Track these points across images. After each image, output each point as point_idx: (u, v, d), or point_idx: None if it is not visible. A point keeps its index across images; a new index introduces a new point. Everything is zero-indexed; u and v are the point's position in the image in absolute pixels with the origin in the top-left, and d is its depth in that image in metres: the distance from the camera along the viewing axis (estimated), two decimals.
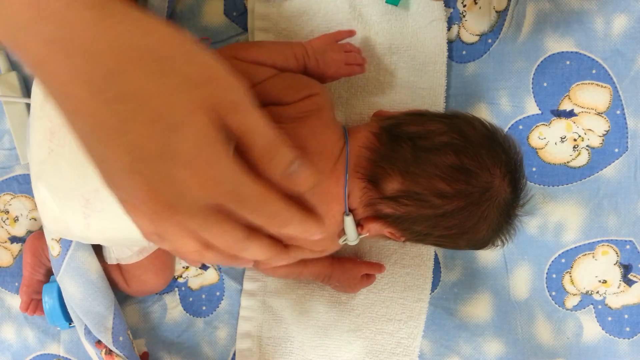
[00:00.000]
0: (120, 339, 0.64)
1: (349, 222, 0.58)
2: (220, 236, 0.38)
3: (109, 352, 0.63)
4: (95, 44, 0.34)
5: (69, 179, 0.53)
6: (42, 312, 0.66)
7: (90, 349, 0.64)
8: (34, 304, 0.67)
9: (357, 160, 0.56)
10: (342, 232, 0.59)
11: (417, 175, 0.54)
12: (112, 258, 0.64)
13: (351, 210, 0.58)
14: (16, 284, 0.71)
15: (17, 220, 0.70)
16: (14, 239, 0.71)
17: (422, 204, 0.55)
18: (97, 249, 0.65)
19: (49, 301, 0.65)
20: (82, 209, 0.53)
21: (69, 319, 0.66)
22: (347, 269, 0.66)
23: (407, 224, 0.57)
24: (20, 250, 0.71)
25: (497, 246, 0.60)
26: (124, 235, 0.55)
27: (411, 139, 0.54)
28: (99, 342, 0.64)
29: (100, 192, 0.53)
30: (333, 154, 0.56)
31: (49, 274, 0.68)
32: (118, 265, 0.65)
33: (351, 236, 0.58)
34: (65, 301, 0.65)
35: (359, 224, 0.58)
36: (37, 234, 0.68)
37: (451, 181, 0.53)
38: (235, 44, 0.65)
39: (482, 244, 0.59)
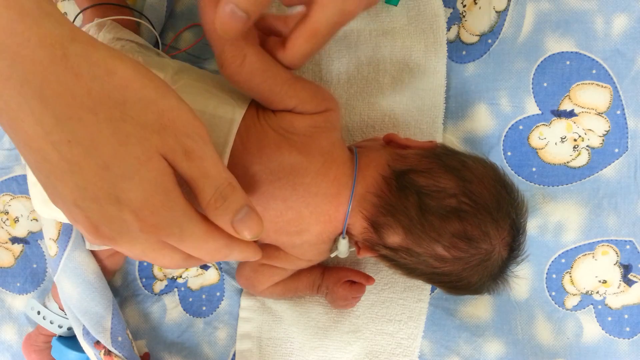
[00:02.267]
0: (119, 339, 0.64)
1: (344, 243, 0.58)
2: (160, 260, 0.40)
3: (108, 352, 0.63)
4: (47, 87, 0.34)
5: None
6: None
7: (89, 350, 0.64)
8: None
9: (362, 200, 0.56)
10: (334, 247, 0.60)
11: (419, 237, 0.54)
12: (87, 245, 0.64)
13: (347, 233, 0.58)
14: (17, 284, 0.71)
15: (18, 220, 0.70)
16: (14, 240, 0.71)
17: (419, 261, 0.55)
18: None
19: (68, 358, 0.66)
20: None
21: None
22: (334, 273, 0.67)
23: (402, 269, 0.58)
24: (21, 251, 0.71)
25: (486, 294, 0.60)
26: None
27: (419, 194, 0.53)
28: (97, 342, 0.64)
29: None
30: (336, 178, 0.56)
31: None
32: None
33: (343, 253, 0.59)
34: (63, 301, 0.65)
35: (354, 243, 0.59)
36: (26, 337, 0.70)
37: (451, 248, 0.53)
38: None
39: (472, 293, 0.59)
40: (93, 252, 0.65)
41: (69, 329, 0.67)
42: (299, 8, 0.49)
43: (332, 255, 0.60)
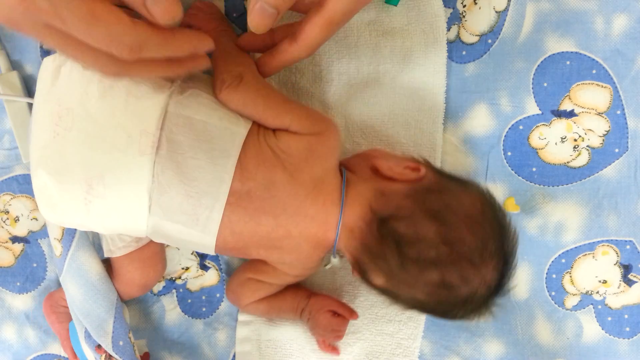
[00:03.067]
0: (120, 343, 0.64)
1: (335, 261, 0.60)
2: (78, 54, 0.37)
3: (109, 357, 0.63)
4: None
5: (73, 164, 0.52)
6: None
7: (90, 353, 0.64)
8: None
9: (347, 240, 0.56)
10: (327, 259, 0.61)
11: (399, 284, 0.55)
12: (106, 250, 0.63)
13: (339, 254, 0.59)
14: (17, 283, 0.71)
15: (18, 220, 0.70)
16: (15, 239, 0.71)
17: (403, 302, 0.57)
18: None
19: (79, 348, 0.66)
20: (84, 194, 0.53)
21: None
22: (319, 300, 0.66)
23: (391, 299, 0.59)
24: (22, 251, 0.71)
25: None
26: (123, 222, 0.55)
27: (398, 244, 0.54)
28: (98, 346, 0.63)
29: (104, 178, 0.52)
30: (325, 205, 0.56)
31: None
32: (109, 261, 0.65)
33: (336, 266, 0.61)
34: (67, 303, 0.65)
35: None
36: (48, 295, 0.70)
37: (431, 295, 0.55)
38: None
39: (458, 319, 0.59)
40: (117, 274, 0.65)
41: None
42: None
43: (327, 267, 0.61)
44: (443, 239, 0.53)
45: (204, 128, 0.53)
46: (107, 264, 0.66)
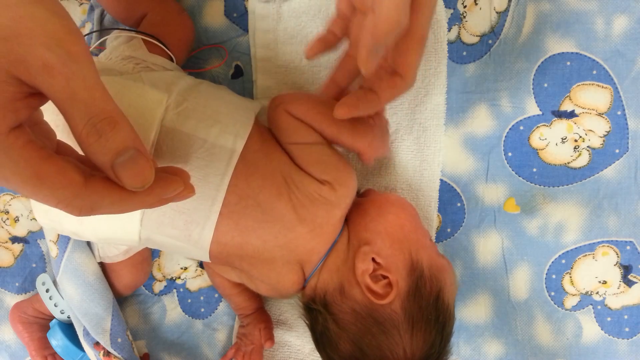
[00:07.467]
0: (119, 340, 0.64)
1: None
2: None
3: (107, 354, 0.63)
4: None
5: None
6: (60, 357, 0.68)
7: (89, 351, 0.64)
8: (50, 357, 0.68)
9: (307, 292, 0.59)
10: None
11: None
12: (97, 256, 0.64)
13: None
14: (17, 284, 0.71)
15: (18, 220, 0.70)
16: (15, 239, 0.71)
17: None
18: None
19: (59, 344, 0.66)
20: None
21: (82, 348, 0.67)
22: (261, 315, 0.68)
23: None
24: (21, 251, 0.71)
25: None
26: (115, 234, 0.55)
27: (320, 333, 0.57)
28: (97, 343, 0.64)
29: None
30: (313, 252, 0.57)
31: (44, 328, 0.68)
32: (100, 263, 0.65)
33: None
34: (65, 302, 0.65)
35: None
36: (15, 305, 0.69)
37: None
38: (291, 95, 0.61)
39: None
40: (106, 274, 0.66)
41: (69, 317, 0.67)
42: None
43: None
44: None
45: (198, 145, 0.53)
46: (101, 264, 0.66)
